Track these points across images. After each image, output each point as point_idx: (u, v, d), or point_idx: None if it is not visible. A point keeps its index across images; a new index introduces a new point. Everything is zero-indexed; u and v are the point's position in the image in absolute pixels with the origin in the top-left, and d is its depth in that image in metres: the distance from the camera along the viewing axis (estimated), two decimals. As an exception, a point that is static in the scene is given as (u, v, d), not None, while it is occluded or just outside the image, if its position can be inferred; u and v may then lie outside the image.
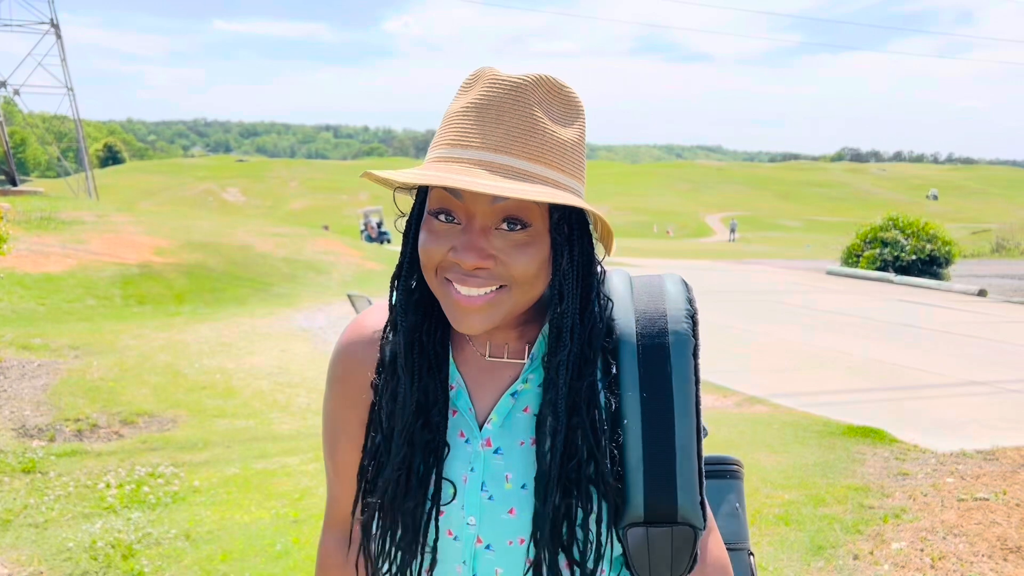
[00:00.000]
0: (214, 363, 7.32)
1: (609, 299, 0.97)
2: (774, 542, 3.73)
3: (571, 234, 0.90)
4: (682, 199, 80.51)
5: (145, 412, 5.70)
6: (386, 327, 0.99)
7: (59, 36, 43.87)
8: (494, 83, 0.87)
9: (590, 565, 0.92)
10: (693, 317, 0.95)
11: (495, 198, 0.85)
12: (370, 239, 31.87)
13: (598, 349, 0.93)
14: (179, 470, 4.56)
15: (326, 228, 31.40)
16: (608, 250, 0.96)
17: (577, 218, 0.91)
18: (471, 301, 0.87)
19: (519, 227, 0.87)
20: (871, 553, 3.63)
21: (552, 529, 0.91)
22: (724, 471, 1.16)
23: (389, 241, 31.43)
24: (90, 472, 4.49)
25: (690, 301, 0.96)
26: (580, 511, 0.91)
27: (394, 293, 0.98)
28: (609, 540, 0.94)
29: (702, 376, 0.95)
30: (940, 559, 3.58)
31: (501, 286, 0.88)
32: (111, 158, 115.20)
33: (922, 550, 3.67)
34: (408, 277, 0.96)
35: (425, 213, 0.91)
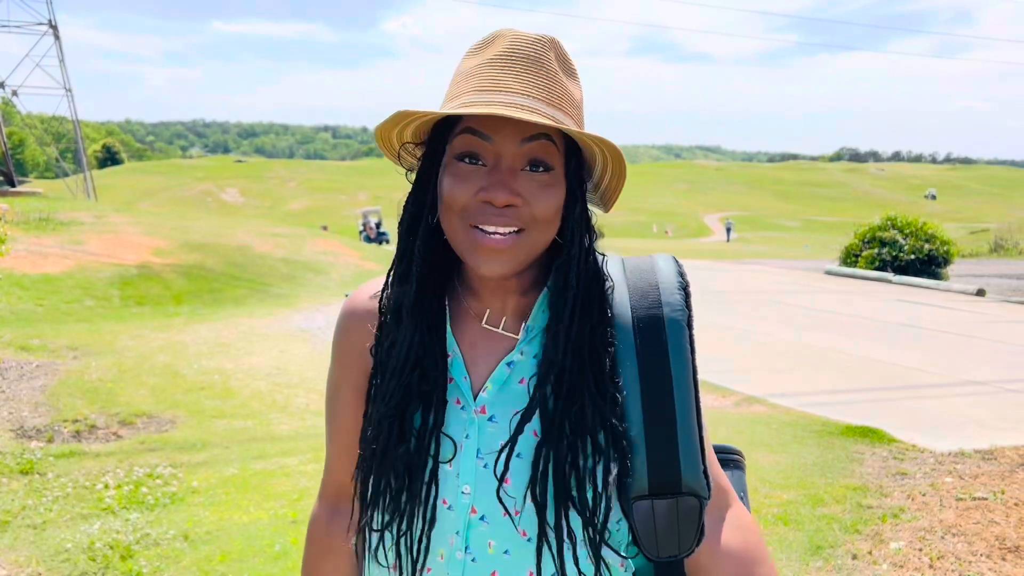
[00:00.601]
0: (212, 364, 7.31)
1: (604, 255, 1.00)
2: (772, 542, 3.73)
3: (581, 184, 0.94)
4: (681, 199, 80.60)
5: (143, 413, 5.69)
6: (387, 281, 1.00)
7: (57, 37, 43.86)
8: (518, 38, 0.92)
9: (600, 518, 0.92)
10: (685, 289, 0.97)
11: (523, 140, 0.89)
12: (369, 239, 31.87)
13: (599, 295, 0.96)
14: (177, 471, 4.56)
15: (325, 228, 31.39)
16: (614, 198, 0.99)
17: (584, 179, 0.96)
18: (497, 242, 0.89)
19: (542, 169, 0.90)
20: (870, 553, 3.63)
21: (556, 479, 0.90)
22: (728, 460, 1.16)
23: (388, 241, 31.43)
24: (88, 473, 4.48)
25: (681, 274, 0.99)
26: (587, 460, 0.91)
27: (402, 240, 0.98)
28: (615, 499, 0.93)
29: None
30: (939, 559, 3.58)
31: (520, 230, 0.90)
32: (109, 159, 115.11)
33: (920, 550, 3.67)
34: (420, 227, 0.96)
35: (447, 159, 0.92)
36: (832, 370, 7.76)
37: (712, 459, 1.00)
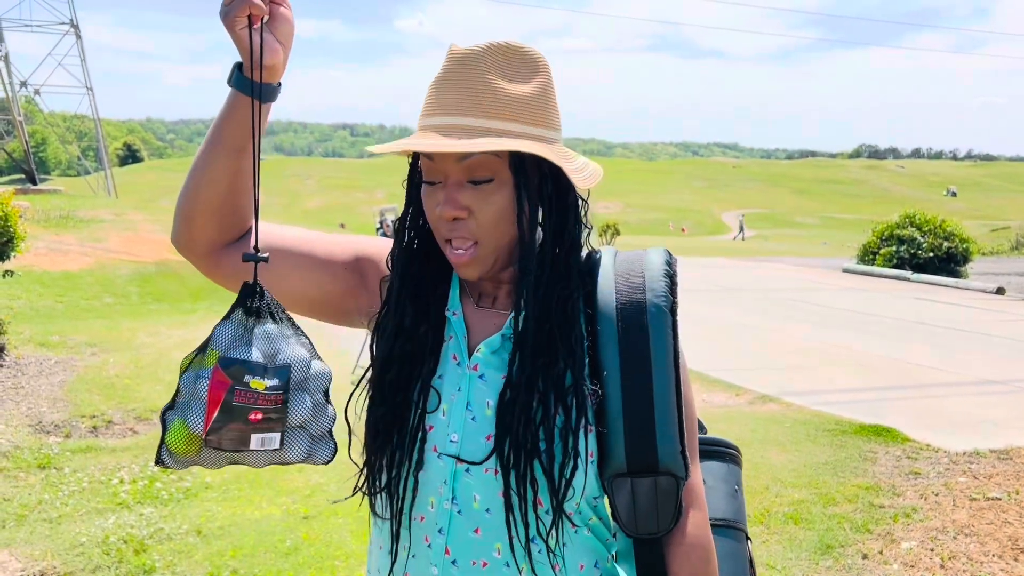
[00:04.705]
0: (228, 360, 7.36)
1: (589, 227, 1.06)
2: (783, 540, 3.72)
3: (532, 177, 0.99)
4: (698, 196, 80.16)
5: (159, 409, 5.75)
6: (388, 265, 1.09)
7: (79, 36, 44.31)
8: (451, 57, 0.98)
9: (566, 475, 0.94)
10: (671, 277, 1.01)
11: (460, 157, 0.96)
12: (386, 237, 31.97)
13: (574, 268, 1.01)
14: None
15: (342, 226, 31.55)
16: (590, 180, 1.03)
17: (548, 163, 0.99)
18: (460, 257, 0.99)
19: (483, 181, 0.97)
20: (880, 552, 3.62)
21: (518, 430, 0.95)
22: (725, 453, 1.20)
23: (404, 239, 31.46)
24: (104, 468, 4.54)
25: (669, 264, 1.02)
26: (558, 416, 0.95)
27: (396, 236, 1.09)
28: (582, 457, 0.96)
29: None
30: (950, 559, 3.56)
31: (475, 243, 0.98)
32: (130, 157, 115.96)
33: (932, 550, 3.65)
34: (408, 231, 1.07)
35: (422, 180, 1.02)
36: (847, 369, 7.71)
37: (692, 453, 1.02)
